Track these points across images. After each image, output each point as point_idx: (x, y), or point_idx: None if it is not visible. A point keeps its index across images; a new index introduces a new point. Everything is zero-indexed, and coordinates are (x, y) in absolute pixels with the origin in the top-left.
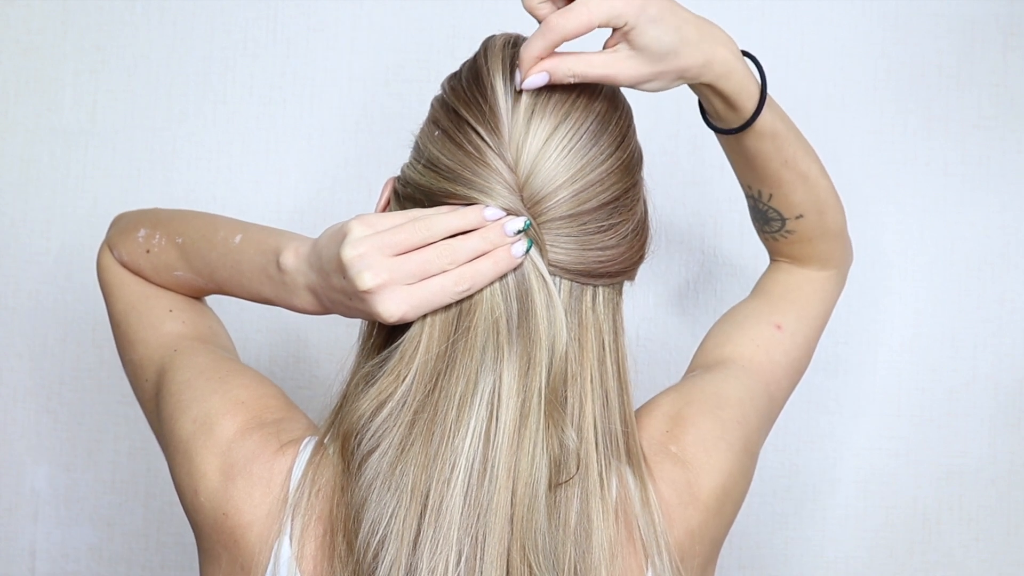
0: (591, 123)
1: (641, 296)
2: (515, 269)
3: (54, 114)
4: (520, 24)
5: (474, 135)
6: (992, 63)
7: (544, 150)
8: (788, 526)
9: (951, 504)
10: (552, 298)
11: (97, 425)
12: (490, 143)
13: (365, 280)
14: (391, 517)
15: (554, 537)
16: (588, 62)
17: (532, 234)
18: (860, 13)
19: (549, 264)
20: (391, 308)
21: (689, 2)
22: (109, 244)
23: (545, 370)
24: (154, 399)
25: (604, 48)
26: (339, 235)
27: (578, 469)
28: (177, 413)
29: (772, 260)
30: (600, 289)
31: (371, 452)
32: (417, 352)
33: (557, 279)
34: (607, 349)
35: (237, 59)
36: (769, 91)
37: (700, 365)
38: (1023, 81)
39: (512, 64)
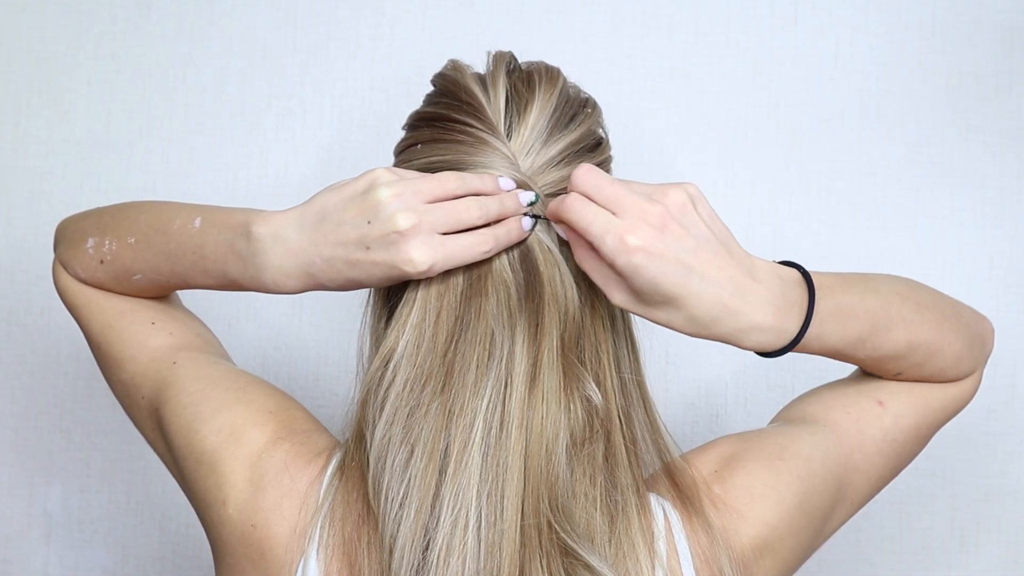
0: (565, 108)
1: None
2: (520, 244)
3: (67, 125)
4: (541, 31)
5: (468, 127)
6: None
7: (530, 135)
8: (821, 548)
9: (989, 526)
10: (560, 266)
11: (112, 445)
12: (485, 130)
13: (400, 221)
14: (409, 485)
15: (579, 483)
16: (593, 268)
17: (539, 208)
18: (896, 21)
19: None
20: (424, 254)
21: (719, 10)
22: (61, 262)
23: (557, 331)
24: (153, 416)
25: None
26: (359, 183)
27: (601, 424)
28: (196, 424)
29: None
30: None
31: (388, 424)
32: (426, 320)
33: (564, 248)
34: (616, 307)
35: (255, 68)
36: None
37: (781, 419)
38: None
39: (476, 71)
